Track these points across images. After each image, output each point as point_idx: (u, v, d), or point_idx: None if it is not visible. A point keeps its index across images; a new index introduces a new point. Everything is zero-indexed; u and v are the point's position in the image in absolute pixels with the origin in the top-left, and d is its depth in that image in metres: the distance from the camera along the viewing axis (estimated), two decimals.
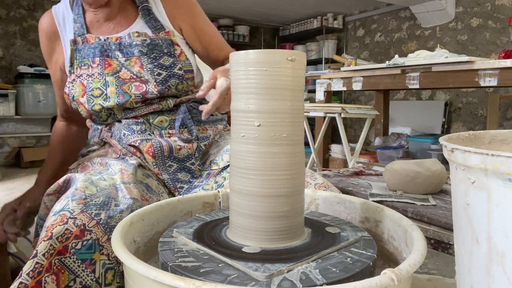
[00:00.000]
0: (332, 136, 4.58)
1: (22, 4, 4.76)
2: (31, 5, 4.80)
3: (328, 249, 0.58)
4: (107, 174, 0.87)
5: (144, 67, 1.00)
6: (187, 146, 1.00)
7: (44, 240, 0.65)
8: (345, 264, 0.54)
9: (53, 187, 0.87)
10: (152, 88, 0.99)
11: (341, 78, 2.76)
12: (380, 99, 3.22)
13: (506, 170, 0.39)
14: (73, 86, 1.02)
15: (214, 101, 0.84)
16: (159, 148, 0.98)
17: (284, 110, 0.59)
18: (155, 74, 1.00)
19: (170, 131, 1.03)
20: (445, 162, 0.64)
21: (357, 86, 2.64)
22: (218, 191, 0.85)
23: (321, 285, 0.49)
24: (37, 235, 0.89)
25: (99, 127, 1.09)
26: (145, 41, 1.01)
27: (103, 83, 0.99)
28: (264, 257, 0.56)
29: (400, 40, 4.84)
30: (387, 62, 2.38)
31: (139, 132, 1.00)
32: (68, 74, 1.04)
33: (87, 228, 0.69)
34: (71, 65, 1.03)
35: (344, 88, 2.77)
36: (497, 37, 3.87)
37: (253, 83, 0.59)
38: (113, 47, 1.01)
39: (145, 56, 1.00)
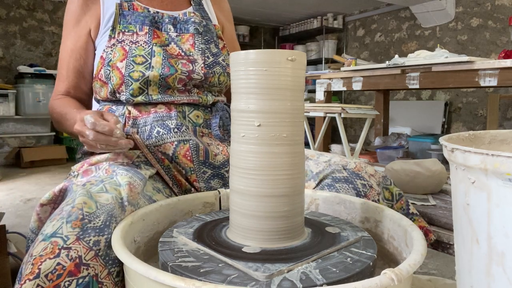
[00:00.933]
0: (332, 136, 4.58)
1: (22, 4, 4.75)
2: (31, 5, 4.79)
3: (328, 249, 0.58)
4: (110, 183, 0.73)
5: (196, 46, 0.97)
6: (222, 152, 0.93)
7: (29, 279, 0.53)
8: (345, 264, 0.54)
9: (47, 196, 0.76)
10: (199, 69, 0.96)
11: (341, 78, 2.76)
12: (380, 99, 3.22)
13: (506, 170, 0.39)
14: (111, 50, 0.94)
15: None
16: (196, 152, 0.89)
17: (284, 110, 0.59)
18: (205, 55, 0.97)
19: (204, 130, 0.98)
20: (445, 162, 0.64)
21: (357, 86, 2.64)
22: (218, 191, 0.85)
23: (321, 285, 0.49)
24: (27, 250, 0.77)
25: (120, 114, 0.95)
26: (202, 22, 1.01)
27: (148, 52, 0.93)
28: (264, 257, 0.56)
29: (400, 40, 4.84)
30: (387, 62, 2.39)
31: (175, 130, 0.90)
32: (108, 39, 0.95)
33: (84, 261, 0.56)
34: (113, 29, 0.95)
35: (344, 88, 2.77)
36: (497, 37, 3.87)
37: (253, 83, 0.59)
38: (166, 20, 0.98)
39: (199, 36, 0.98)
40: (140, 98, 0.92)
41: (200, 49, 0.97)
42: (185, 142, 0.89)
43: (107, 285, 0.57)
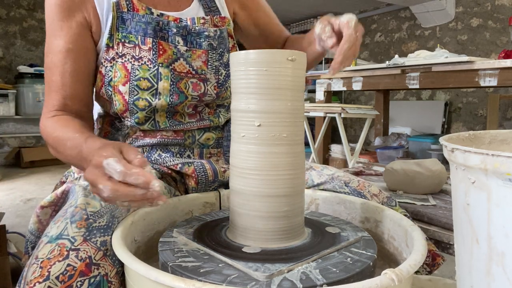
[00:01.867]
0: (332, 136, 4.58)
1: (22, 4, 4.75)
2: (31, 5, 4.80)
3: (328, 249, 0.58)
4: None
5: (209, 64, 0.85)
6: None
7: (39, 282, 0.52)
8: (345, 264, 0.54)
9: (48, 198, 0.75)
10: (211, 90, 0.85)
11: (341, 78, 2.76)
12: (380, 99, 3.22)
13: (506, 170, 0.39)
14: (111, 67, 0.80)
15: (343, 46, 0.68)
16: (203, 173, 0.83)
17: (284, 110, 0.59)
18: (218, 73, 0.86)
19: (212, 151, 0.89)
20: (445, 162, 0.64)
21: (357, 86, 2.64)
22: (219, 191, 0.85)
23: (321, 285, 0.49)
24: (26, 252, 0.78)
25: (121, 138, 0.88)
26: (217, 32, 0.85)
27: (153, 73, 0.80)
28: (264, 257, 0.56)
29: (400, 40, 4.84)
30: (387, 62, 2.39)
31: (178, 155, 0.85)
32: (105, 48, 0.81)
33: (94, 261, 0.56)
34: (110, 36, 0.80)
35: (344, 88, 2.77)
36: (497, 37, 3.87)
37: (253, 83, 0.59)
38: (174, 30, 0.82)
39: (214, 51, 0.85)
40: (146, 126, 0.83)
41: (214, 67, 0.86)
42: (190, 164, 0.83)
43: (115, 284, 0.57)
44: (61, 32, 0.80)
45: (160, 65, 0.80)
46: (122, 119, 0.84)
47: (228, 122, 0.92)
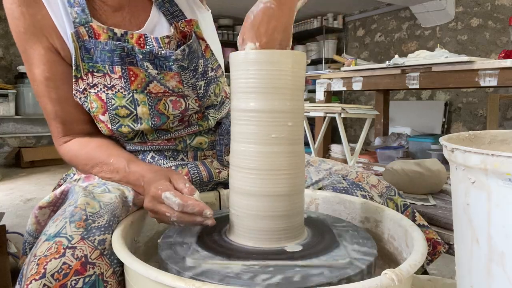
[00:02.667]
0: (332, 136, 4.58)
1: None
2: None
3: (327, 249, 0.58)
4: (112, 185, 0.73)
5: (184, 83, 0.80)
6: (226, 168, 0.86)
7: (35, 279, 0.52)
8: (345, 264, 0.54)
9: (47, 198, 0.75)
10: (193, 104, 0.82)
11: (341, 78, 2.76)
12: (380, 99, 3.22)
13: (506, 170, 0.39)
14: (86, 98, 0.78)
15: None
16: (197, 175, 0.83)
17: (284, 109, 0.59)
18: (197, 88, 0.81)
19: (206, 153, 0.88)
20: (445, 162, 0.64)
21: (357, 86, 2.64)
22: (218, 191, 0.85)
23: (321, 285, 0.49)
24: (24, 253, 0.78)
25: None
26: (184, 51, 0.77)
27: (130, 100, 0.78)
28: (264, 256, 0.56)
29: (400, 40, 4.84)
30: (387, 62, 2.39)
31: (172, 158, 0.85)
32: (74, 80, 0.77)
33: (90, 260, 0.56)
34: (76, 68, 0.76)
35: (344, 88, 2.77)
36: (497, 37, 3.87)
37: (253, 83, 0.59)
38: (140, 56, 0.76)
39: (186, 71, 0.79)
40: (135, 140, 0.83)
41: (190, 85, 0.80)
42: (183, 166, 0.83)
43: (112, 284, 0.57)
44: (35, 60, 0.77)
45: (135, 91, 0.77)
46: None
47: (220, 124, 0.90)
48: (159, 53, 0.76)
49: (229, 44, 5.63)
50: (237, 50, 0.62)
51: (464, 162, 0.44)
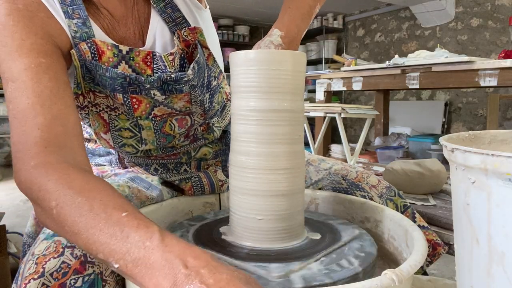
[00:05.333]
0: (332, 136, 4.57)
1: None
2: None
3: (328, 249, 0.58)
4: (112, 185, 0.66)
5: (193, 101, 0.74)
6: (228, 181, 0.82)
7: (34, 279, 0.51)
8: (321, 273, 0.54)
9: None
10: (198, 118, 0.79)
11: (341, 78, 2.76)
12: (380, 99, 3.22)
13: (506, 170, 0.39)
14: (87, 114, 0.73)
15: None
16: (200, 189, 0.82)
17: (284, 109, 0.59)
18: (204, 103, 0.77)
19: (210, 162, 0.87)
20: (445, 162, 0.64)
21: (357, 86, 2.64)
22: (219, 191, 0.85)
23: (322, 285, 0.49)
24: (24, 255, 0.76)
25: (113, 150, 0.84)
26: (194, 69, 0.71)
27: (134, 123, 0.74)
28: (264, 257, 0.56)
29: (400, 40, 4.84)
30: (387, 62, 2.39)
31: (175, 171, 0.83)
32: (75, 95, 0.69)
33: (89, 259, 0.55)
34: (77, 85, 0.69)
35: (344, 88, 2.77)
36: (497, 37, 3.87)
37: (254, 82, 0.59)
38: (147, 85, 0.68)
39: (196, 89, 0.73)
40: (138, 154, 0.80)
41: (199, 102, 0.75)
42: (187, 180, 0.82)
43: (110, 283, 0.56)
44: (22, 50, 0.59)
45: (139, 118, 0.73)
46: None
47: (226, 132, 0.87)
48: (169, 77, 0.69)
49: (229, 44, 5.63)
50: (236, 49, 0.62)
51: (464, 162, 0.43)
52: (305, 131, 1.21)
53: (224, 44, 5.13)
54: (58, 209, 0.48)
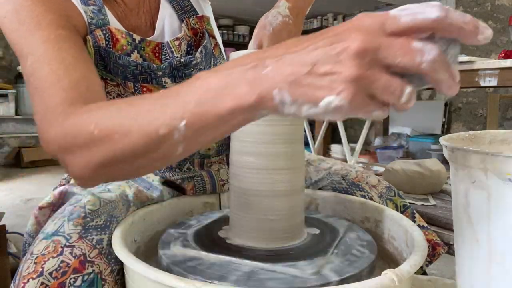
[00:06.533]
0: (332, 136, 4.57)
1: None
2: None
3: (328, 249, 0.58)
4: (113, 184, 0.70)
5: None
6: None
7: (32, 278, 0.51)
8: (345, 264, 0.54)
9: (47, 198, 0.73)
10: None
11: None
12: None
13: (506, 170, 0.39)
14: None
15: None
16: (202, 188, 0.81)
17: None
18: None
19: (213, 159, 0.85)
20: (445, 162, 0.64)
21: None
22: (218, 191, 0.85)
23: (321, 285, 0.49)
24: (24, 254, 0.75)
25: None
26: (202, 53, 0.72)
27: None
28: (264, 257, 0.56)
29: None
30: None
31: (177, 170, 0.81)
32: None
33: (88, 258, 0.55)
34: None
35: None
36: (497, 37, 3.87)
37: None
38: (159, 73, 0.70)
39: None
40: None
41: None
42: (190, 180, 0.80)
43: (109, 283, 0.56)
44: (41, 26, 0.57)
45: None
46: None
47: None
48: (178, 62, 0.70)
49: (229, 44, 5.63)
50: (236, 49, 0.63)
51: (464, 162, 0.43)
52: (305, 131, 1.21)
53: (224, 44, 5.12)
54: (98, 124, 0.44)
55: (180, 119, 0.38)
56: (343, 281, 0.50)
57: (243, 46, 5.76)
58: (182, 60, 0.71)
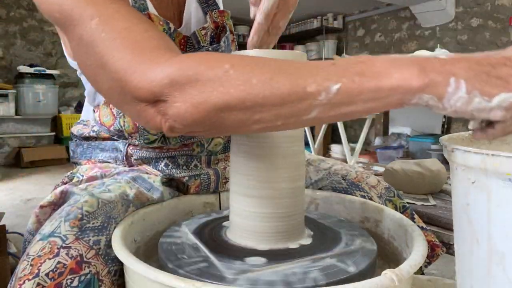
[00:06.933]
0: (332, 136, 4.57)
1: (22, 4, 4.75)
2: (31, 5, 4.79)
3: (328, 248, 0.58)
4: (114, 185, 0.71)
5: None
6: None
7: (28, 279, 0.51)
8: (345, 264, 0.54)
9: (49, 197, 0.73)
10: None
11: None
12: None
13: (506, 170, 0.39)
14: None
15: (255, 26, 0.62)
16: (206, 186, 0.82)
17: None
18: None
19: (219, 157, 0.86)
20: (445, 162, 0.64)
21: None
22: (219, 191, 0.85)
23: (321, 285, 0.49)
24: (24, 253, 0.75)
25: (122, 146, 0.81)
26: (225, 43, 0.74)
27: None
28: (265, 257, 0.56)
29: (400, 40, 4.84)
30: None
31: (185, 167, 0.82)
32: None
33: (85, 259, 0.55)
34: None
35: None
36: (497, 37, 3.87)
37: None
38: None
39: None
40: (155, 144, 0.78)
41: None
42: (196, 177, 0.81)
43: (106, 284, 0.56)
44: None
45: None
46: (129, 137, 0.77)
47: None
48: (206, 51, 0.70)
49: None
50: (237, 49, 0.63)
51: (464, 162, 0.43)
52: (305, 131, 1.21)
53: None
54: (235, 65, 0.41)
55: (335, 82, 0.38)
56: (343, 281, 0.50)
57: (243, 46, 5.74)
58: (210, 49, 0.74)
